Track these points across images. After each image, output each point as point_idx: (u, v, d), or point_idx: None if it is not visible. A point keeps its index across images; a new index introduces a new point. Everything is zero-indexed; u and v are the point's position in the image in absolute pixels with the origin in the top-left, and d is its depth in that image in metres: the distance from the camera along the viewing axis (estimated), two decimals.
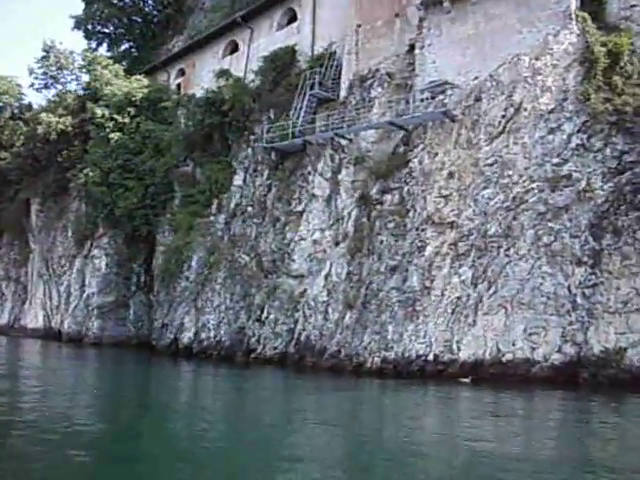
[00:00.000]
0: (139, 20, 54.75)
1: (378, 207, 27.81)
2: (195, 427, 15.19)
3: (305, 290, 29.90)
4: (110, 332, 41.16)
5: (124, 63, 50.21)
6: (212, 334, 33.16)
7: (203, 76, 42.83)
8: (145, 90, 43.17)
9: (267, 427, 15.42)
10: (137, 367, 31.51)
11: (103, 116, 42.31)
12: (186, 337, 34.08)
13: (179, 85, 46.78)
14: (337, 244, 29.23)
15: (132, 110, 42.71)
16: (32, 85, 49.10)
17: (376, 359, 25.85)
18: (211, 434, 14.51)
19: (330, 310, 28.46)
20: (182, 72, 47.08)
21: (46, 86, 48.68)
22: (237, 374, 27.90)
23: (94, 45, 54.83)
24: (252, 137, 34.98)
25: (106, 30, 55.17)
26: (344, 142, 29.98)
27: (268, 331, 31.13)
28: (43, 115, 45.51)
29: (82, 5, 54.54)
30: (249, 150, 35.16)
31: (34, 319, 50.24)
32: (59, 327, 46.20)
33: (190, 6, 52.21)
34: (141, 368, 31.16)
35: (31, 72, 48.55)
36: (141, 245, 42.68)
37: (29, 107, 57.57)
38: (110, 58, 48.44)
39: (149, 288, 42.47)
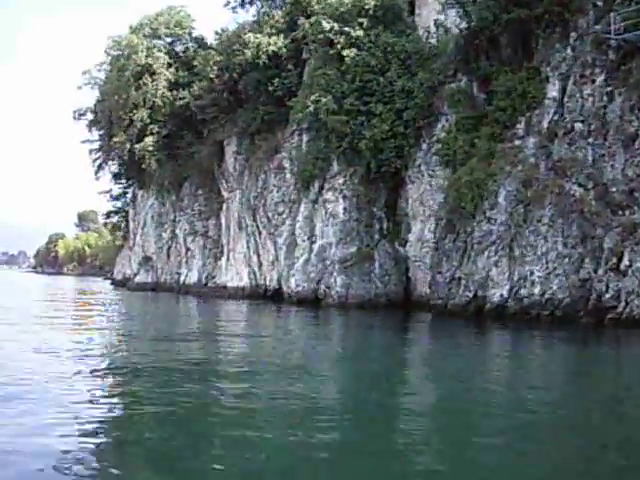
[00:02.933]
0: None
1: None
2: None
3: None
4: (355, 290, 34.29)
5: None
6: (537, 290, 25.59)
7: None
8: None
9: None
10: (456, 336, 24.27)
11: (331, 30, 34.87)
12: (496, 295, 26.60)
13: None
14: None
15: (364, 21, 35.09)
16: (227, 4, 42.11)
17: None
18: None
19: None
20: None
21: (243, 3, 41.54)
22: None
23: None
24: (574, 33, 26.67)
25: None
26: None
27: (633, 284, 23.34)
28: (249, 36, 38.47)
29: None
30: (568, 51, 26.90)
31: (235, 277, 44.22)
32: (273, 285, 39.89)
33: None
34: (462, 337, 23.88)
35: None
36: (380, 184, 35.45)
37: (200, 40, 51.14)
38: None
39: (394, 236, 35.41)
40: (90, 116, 61.10)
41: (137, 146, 48.56)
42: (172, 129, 48.88)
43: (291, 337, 23.35)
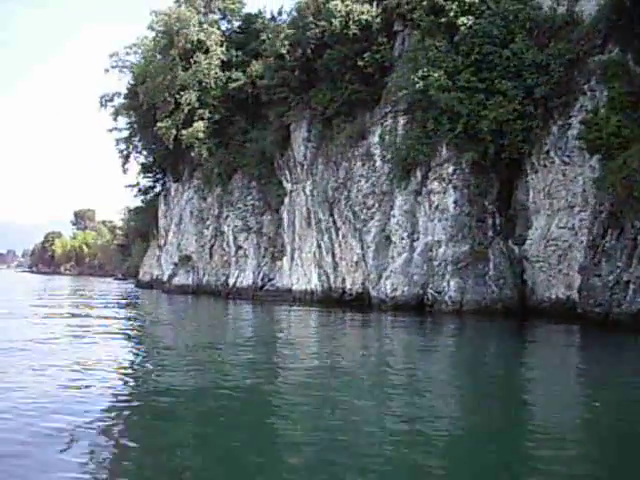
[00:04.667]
0: None
1: None
2: None
3: None
4: (471, 295, 29.62)
5: None
6: None
7: None
8: None
9: None
10: None
11: None
12: None
13: None
14: None
15: None
16: None
17: None
18: None
19: None
20: None
21: None
22: None
23: None
24: None
25: None
26: None
27: None
28: (336, 3, 33.66)
29: None
30: None
31: (301, 279, 39.36)
32: (355, 288, 35.12)
33: None
34: None
35: None
36: (492, 174, 30.83)
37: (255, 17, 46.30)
38: None
39: (507, 233, 30.81)
40: (117, 102, 56.08)
41: (184, 132, 43.49)
42: (225, 114, 43.89)
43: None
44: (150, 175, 59.52)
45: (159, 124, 44.58)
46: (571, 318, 25.77)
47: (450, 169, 30.55)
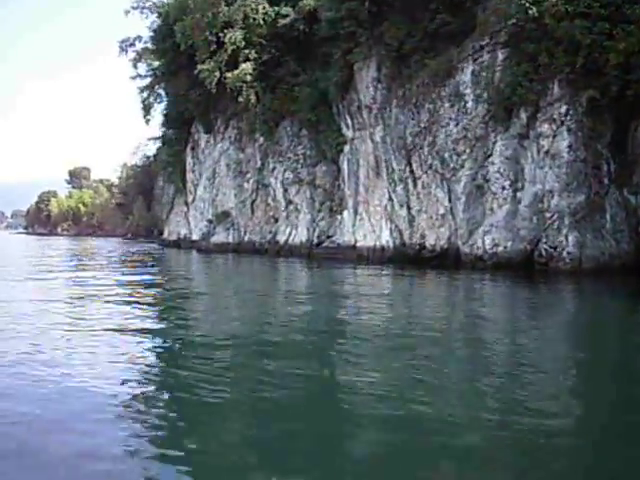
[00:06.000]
0: None
1: None
2: None
3: None
4: (590, 250, 26.35)
5: None
6: None
7: None
8: None
9: None
10: None
11: None
12: None
13: None
14: None
15: None
16: None
17: None
18: None
19: None
20: None
21: None
22: None
23: None
24: None
25: None
26: None
27: None
28: None
29: None
30: None
31: (369, 235, 35.96)
32: (440, 245, 31.68)
33: None
34: None
35: None
36: (605, 115, 27.28)
37: None
38: None
39: (623, 181, 27.45)
40: (139, 45, 51.76)
41: (229, 75, 39.36)
42: (275, 54, 39.77)
43: None
44: (173, 127, 55.27)
45: (200, 66, 40.39)
46: None
47: (563, 109, 26.92)
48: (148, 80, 53.43)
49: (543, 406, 7.78)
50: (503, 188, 28.40)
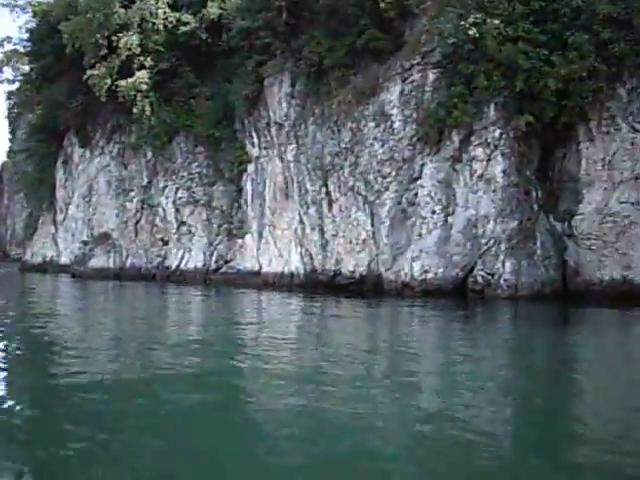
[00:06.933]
0: None
1: None
2: None
3: None
4: (526, 277, 25.79)
5: None
6: None
7: None
8: None
9: None
10: None
11: None
12: None
13: None
14: None
15: None
16: None
17: None
18: None
19: None
20: None
21: None
22: None
23: None
24: None
25: None
26: None
27: None
28: None
29: None
30: None
31: (274, 260, 33.72)
32: (359, 271, 30.06)
33: None
34: None
35: None
36: (533, 141, 27.25)
37: None
38: None
39: (550, 207, 27.42)
40: (8, 47, 46.81)
41: (124, 83, 35.89)
42: (173, 63, 36.83)
43: None
44: (42, 139, 50.13)
45: (89, 71, 36.57)
46: (627, 300, 23.19)
47: (497, 133, 26.45)
48: (16, 85, 48.28)
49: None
50: (433, 212, 27.30)
